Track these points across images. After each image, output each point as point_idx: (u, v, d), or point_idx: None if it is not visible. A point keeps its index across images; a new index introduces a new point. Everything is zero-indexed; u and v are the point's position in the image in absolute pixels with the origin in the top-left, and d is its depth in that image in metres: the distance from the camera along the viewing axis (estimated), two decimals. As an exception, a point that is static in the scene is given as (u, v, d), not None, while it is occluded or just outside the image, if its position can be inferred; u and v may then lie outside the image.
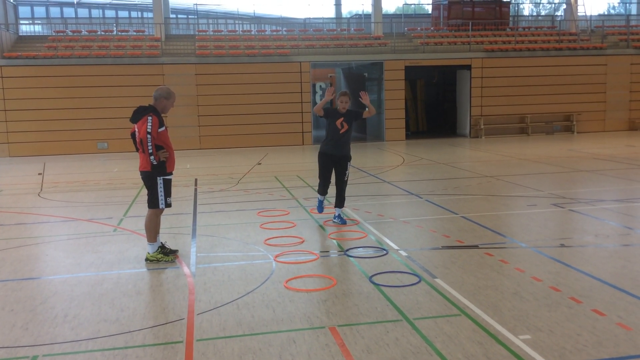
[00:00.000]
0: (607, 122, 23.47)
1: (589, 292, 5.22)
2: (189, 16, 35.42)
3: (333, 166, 8.07)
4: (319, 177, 8.19)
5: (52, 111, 19.96)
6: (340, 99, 7.87)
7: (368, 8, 28.37)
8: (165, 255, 6.56)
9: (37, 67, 19.91)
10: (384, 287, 5.48)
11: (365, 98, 7.89)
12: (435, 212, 8.88)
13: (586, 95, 23.16)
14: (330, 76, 28.47)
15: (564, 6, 27.28)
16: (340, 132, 7.87)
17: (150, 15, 31.71)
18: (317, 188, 8.43)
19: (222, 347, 4.30)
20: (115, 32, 23.44)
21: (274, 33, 24.68)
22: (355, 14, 35.75)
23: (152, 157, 6.25)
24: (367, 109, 8.01)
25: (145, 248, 6.79)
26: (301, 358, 4.08)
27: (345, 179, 8.09)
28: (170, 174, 6.57)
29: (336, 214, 8.19)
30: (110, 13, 38.69)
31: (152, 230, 6.50)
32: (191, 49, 21.69)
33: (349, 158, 8.06)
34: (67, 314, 5.05)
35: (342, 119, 7.84)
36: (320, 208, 8.42)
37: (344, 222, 8.11)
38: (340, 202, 8.17)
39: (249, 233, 7.81)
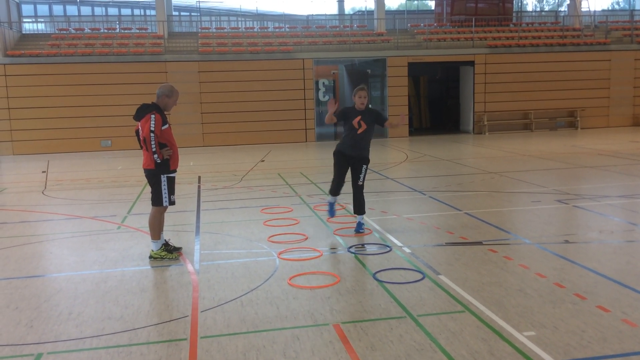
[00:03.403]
0: (611, 117, 23.40)
1: (594, 289, 5.20)
2: (192, 14, 35.43)
3: (348, 166, 7.35)
4: (333, 175, 7.48)
5: (55, 109, 19.99)
6: (358, 94, 7.12)
7: (371, 4, 28.34)
8: (169, 253, 6.56)
9: (40, 65, 19.94)
10: (388, 283, 5.48)
11: (398, 122, 7.50)
12: (438, 209, 8.86)
13: (590, 90, 23.10)
14: (334, 72, 28.43)
15: (568, 1, 27.16)
16: (358, 132, 7.15)
17: (153, 12, 31.70)
18: (324, 186, 7.85)
19: (226, 344, 4.30)
20: (118, 30, 23.46)
21: (277, 30, 24.64)
22: (358, 11, 35.68)
23: (155, 156, 6.25)
24: (388, 120, 7.52)
25: (149, 246, 6.81)
26: (305, 355, 4.08)
27: (360, 182, 7.27)
28: (174, 171, 6.57)
29: (357, 224, 7.43)
30: (113, 11, 38.68)
31: (156, 227, 6.51)
32: (194, 47, 21.68)
33: (366, 160, 7.33)
34: (72, 311, 5.06)
35: (359, 117, 7.12)
36: (332, 212, 7.61)
37: (360, 231, 7.37)
38: (358, 208, 7.36)
39: (253, 230, 7.81)
